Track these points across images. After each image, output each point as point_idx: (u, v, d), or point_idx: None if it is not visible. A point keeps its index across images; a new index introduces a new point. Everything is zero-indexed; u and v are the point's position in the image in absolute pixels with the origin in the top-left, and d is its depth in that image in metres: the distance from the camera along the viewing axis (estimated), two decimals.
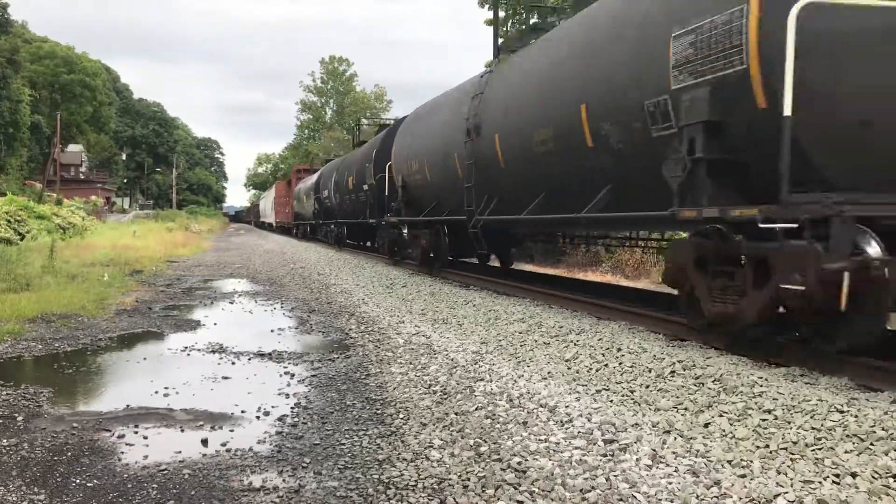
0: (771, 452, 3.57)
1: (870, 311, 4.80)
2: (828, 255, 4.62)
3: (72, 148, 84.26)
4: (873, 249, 4.70)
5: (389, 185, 16.50)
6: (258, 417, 4.74)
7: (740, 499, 3.12)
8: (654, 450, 3.70)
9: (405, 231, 15.59)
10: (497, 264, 14.74)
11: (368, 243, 23.54)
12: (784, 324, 5.50)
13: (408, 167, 14.76)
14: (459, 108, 11.87)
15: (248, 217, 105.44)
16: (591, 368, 5.57)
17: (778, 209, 4.90)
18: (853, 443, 3.50)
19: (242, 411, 4.87)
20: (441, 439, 4.13)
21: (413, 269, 15.30)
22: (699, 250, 5.91)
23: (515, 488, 3.35)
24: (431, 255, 14.17)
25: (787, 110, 4.76)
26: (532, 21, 30.66)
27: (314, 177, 34.04)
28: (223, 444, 4.15)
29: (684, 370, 5.04)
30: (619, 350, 5.85)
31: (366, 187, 19.80)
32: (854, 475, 3.20)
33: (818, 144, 4.97)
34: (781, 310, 5.23)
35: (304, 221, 37.41)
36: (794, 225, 4.83)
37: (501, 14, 31.67)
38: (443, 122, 12.89)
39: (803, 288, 4.69)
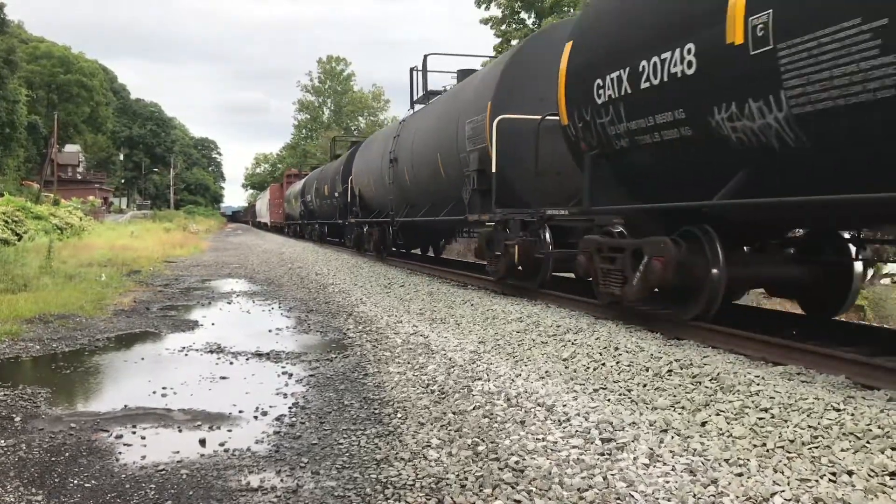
0: (768, 451, 3.58)
1: (542, 272, 9.40)
2: (508, 236, 9.71)
3: (69, 148, 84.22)
4: (548, 235, 9.21)
5: (351, 194, 21.43)
6: (256, 417, 4.74)
7: (737, 497, 3.13)
8: (652, 448, 3.71)
9: (365, 229, 20.19)
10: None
11: (341, 240, 27.43)
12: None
13: (361, 181, 20.17)
14: (387, 143, 17.07)
15: (245, 217, 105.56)
16: (588, 367, 5.58)
17: (490, 215, 10.16)
18: (849, 441, 3.50)
19: (240, 411, 4.88)
20: (439, 439, 4.14)
21: (372, 258, 19.36)
22: (486, 236, 10.78)
23: (513, 487, 3.36)
24: (382, 246, 18.46)
25: (494, 168, 9.88)
26: (529, 21, 30.70)
27: (301, 182, 38.13)
28: (221, 444, 4.15)
29: (681, 369, 5.05)
30: (616, 349, 5.86)
31: (337, 194, 24.72)
32: (850, 473, 3.21)
33: (516, 182, 9.98)
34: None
35: (294, 221, 41.20)
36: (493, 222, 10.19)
37: (499, 13, 31.68)
38: (378, 152, 18.01)
39: (498, 253, 10.03)
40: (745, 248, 7.04)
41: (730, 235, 6.15)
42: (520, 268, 9.40)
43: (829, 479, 3.20)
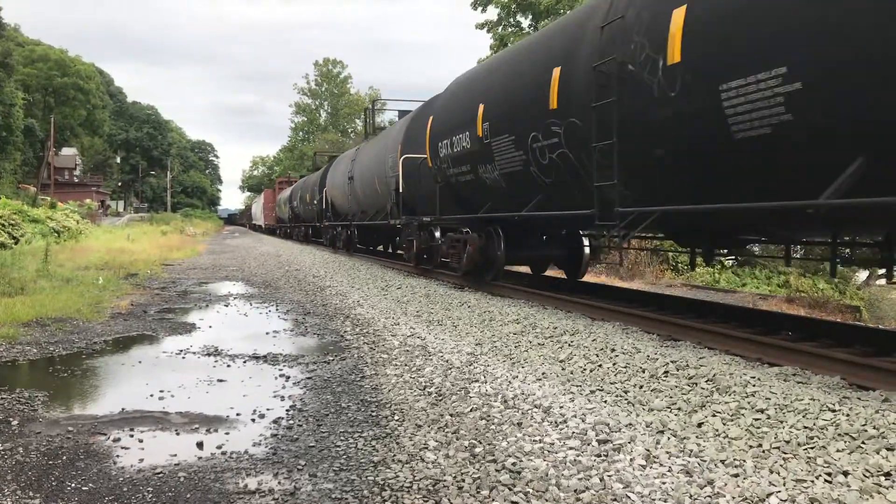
0: (764, 452, 3.59)
1: (433, 261, 14.01)
2: (412, 233, 14.38)
3: (66, 151, 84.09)
4: (438, 233, 13.31)
5: (326, 201, 26.24)
6: (253, 420, 4.75)
7: (733, 498, 3.14)
8: (648, 450, 3.72)
9: (337, 230, 24.84)
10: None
11: (319, 239, 31.64)
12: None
13: (332, 192, 25.17)
14: (349, 163, 22.31)
15: (241, 219, 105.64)
16: (585, 369, 5.59)
17: (399, 220, 14.95)
18: (845, 441, 3.52)
19: (238, 414, 4.88)
20: (436, 441, 4.15)
21: (344, 254, 23.38)
22: (403, 232, 15.18)
23: (510, 489, 3.37)
24: (349, 244, 23.10)
25: (400, 189, 14.88)
26: (526, 23, 30.70)
27: (289, 189, 43.98)
28: (219, 447, 4.15)
29: (678, 370, 5.06)
30: (612, 350, 5.87)
31: (316, 201, 29.26)
32: (846, 474, 3.23)
33: (410, 201, 14.80)
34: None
35: (284, 224, 46.29)
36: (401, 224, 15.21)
37: (494, 16, 31.71)
38: (343, 170, 23.12)
39: (406, 245, 15.12)
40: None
41: (508, 232, 10.62)
42: (425, 256, 14.20)
43: (825, 480, 3.22)
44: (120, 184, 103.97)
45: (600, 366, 5.57)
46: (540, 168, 8.54)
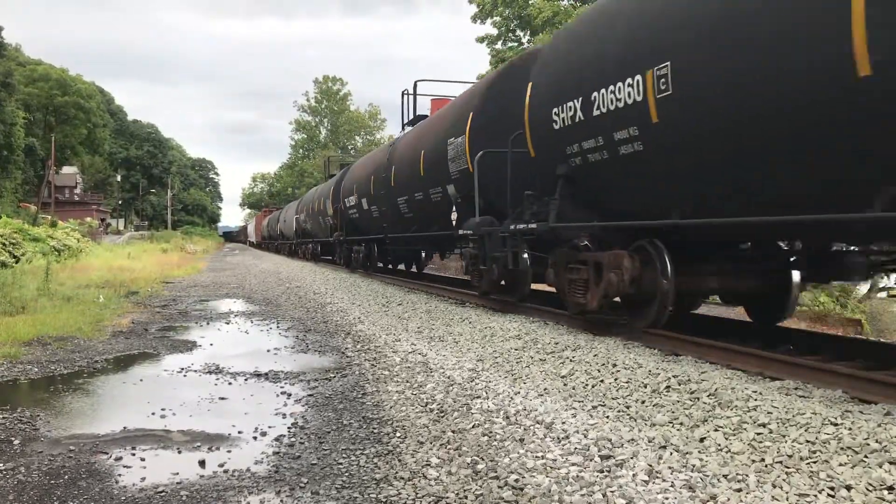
0: (766, 466, 3.59)
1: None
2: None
3: (66, 170, 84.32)
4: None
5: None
6: (255, 438, 4.75)
7: None
8: (651, 465, 3.72)
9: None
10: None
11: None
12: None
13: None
14: (328, 188, 25.84)
15: (239, 237, 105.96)
16: (587, 384, 5.59)
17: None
18: (847, 455, 3.52)
19: (240, 432, 4.88)
20: (438, 457, 4.14)
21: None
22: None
23: None
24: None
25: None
26: (525, 39, 30.87)
27: (273, 214, 56.30)
28: (221, 465, 4.15)
29: (679, 385, 5.06)
30: (614, 366, 5.87)
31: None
32: (849, 488, 3.22)
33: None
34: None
35: (271, 241, 56.49)
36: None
37: (494, 31, 31.92)
38: (318, 194, 26.90)
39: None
40: None
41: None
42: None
43: (828, 494, 3.21)
44: (120, 202, 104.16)
45: (602, 381, 5.57)
46: None
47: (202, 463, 4.21)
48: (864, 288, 23.58)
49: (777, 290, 7.19)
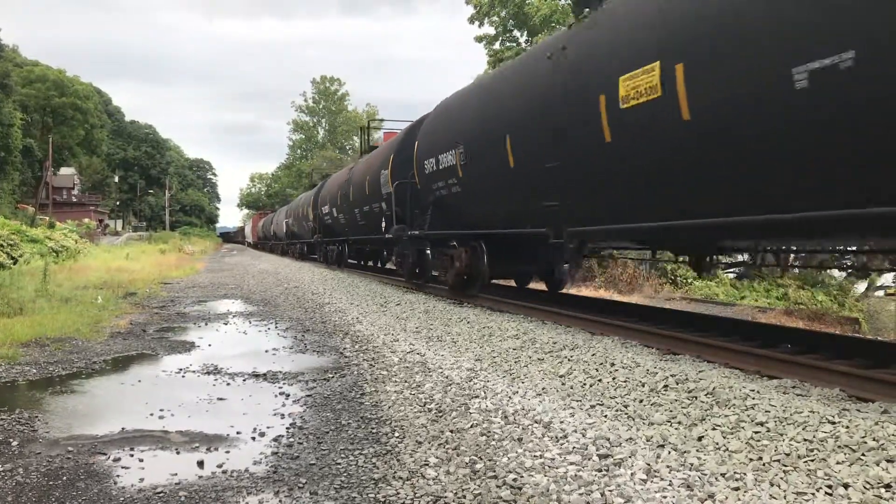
0: (764, 465, 3.60)
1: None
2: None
3: (64, 171, 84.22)
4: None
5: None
6: (254, 438, 4.75)
7: None
8: (649, 464, 3.72)
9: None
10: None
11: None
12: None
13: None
14: (310, 197, 29.38)
15: (237, 237, 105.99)
16: (585, 384, 5.59)
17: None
18: (845, 454, 3.53)
19: (238, 432, 4.88)
20: (437, 457, 4.15)
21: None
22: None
23: None
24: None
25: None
26: (522, 39, 30.87)
27: (268, 217, 60.21)
28: (219, 466, 4.15)
29: (677, 384, 5.07)
30: (612, 365, 5.88)
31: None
32: (846, 486, 3.23)
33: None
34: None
35: (265, 241, 59.97)
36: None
37: (491, 32, 31.92)
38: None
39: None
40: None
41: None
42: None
43: (826, 492, 3.22)
44: (118, 203, 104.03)
45: (600, 380, 5.58)
46: None
47: (201, 463, 4.21)
48: (861, 287, 23.60)
49: (552, 272, 12.11)
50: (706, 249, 7.43)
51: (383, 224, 15.67)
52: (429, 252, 13.81)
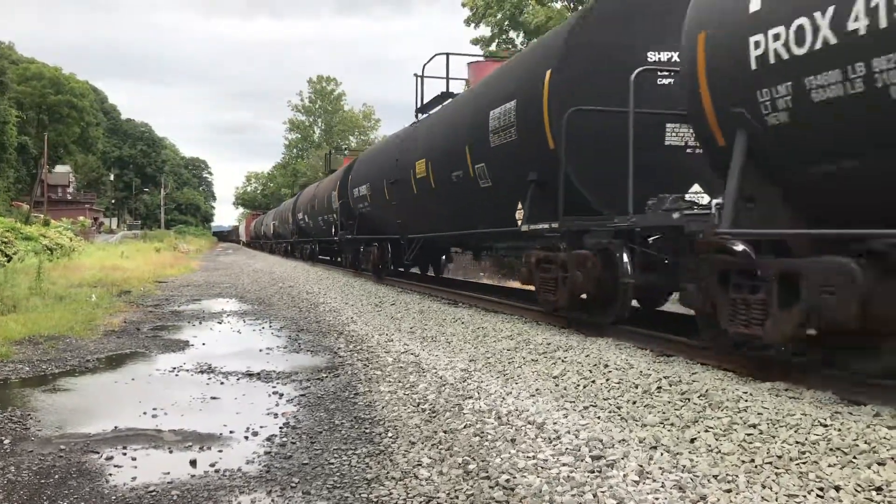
0: (756, 467, 3.61)
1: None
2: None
3: (59, 169, 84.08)
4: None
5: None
6: (247, 437, 4.74)
7: None
8: (641, 465, 3.73)
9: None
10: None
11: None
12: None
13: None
14: (290, 205, 36.98)
15: (231, 236, 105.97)
16: (578, 385, 5.60)
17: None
18: (836, 456, 3.54)
19: (231, 431, 4.87)
20: (430, 458, 4.15)
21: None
22: None
23: None
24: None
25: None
26: (518, 40, 30.90)
27: (258, 218, 66.07)
28: (212, 465, 4.15)
29: (670, 386, 5.08)
30: (606, 366, 5.89)
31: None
32: (838, 488, 3.24)
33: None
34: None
35: (257, 240, 63.53)
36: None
37: (487, 33, 31.95)
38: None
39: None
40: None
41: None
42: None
43: (817, 495, 3.23)
44: (113, 201, 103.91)
45: (593, 382, 5.59)
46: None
47: (193, 462, 4.20)
48: None
49: (437, 263, 18.53)
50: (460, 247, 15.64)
51: (333, 229, 22.79)
52: (361, 249, 19.95)
